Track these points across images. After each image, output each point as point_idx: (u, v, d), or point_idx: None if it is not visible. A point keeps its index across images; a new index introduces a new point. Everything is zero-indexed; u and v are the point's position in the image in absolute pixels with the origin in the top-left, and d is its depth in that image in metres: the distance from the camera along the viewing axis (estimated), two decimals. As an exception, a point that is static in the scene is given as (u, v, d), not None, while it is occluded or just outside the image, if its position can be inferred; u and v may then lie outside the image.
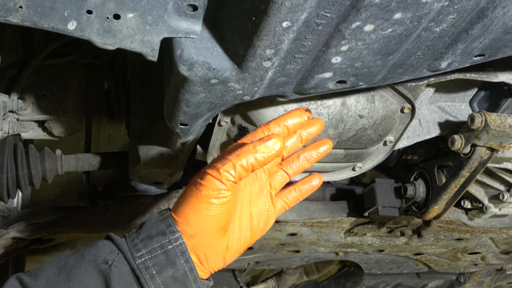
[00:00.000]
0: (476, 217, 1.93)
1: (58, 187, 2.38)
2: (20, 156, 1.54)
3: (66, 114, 1.61)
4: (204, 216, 0.88)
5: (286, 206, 1.04)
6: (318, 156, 1.03)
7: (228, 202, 0.89)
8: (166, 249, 0.87)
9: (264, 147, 0.86)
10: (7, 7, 0.80)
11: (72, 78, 1.65)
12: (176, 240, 0.87)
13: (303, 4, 0.76)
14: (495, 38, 0.94)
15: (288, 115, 0.98)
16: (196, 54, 0.88)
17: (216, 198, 0.87)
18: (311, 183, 1.04)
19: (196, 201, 0.88)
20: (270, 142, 0.86)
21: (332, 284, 2.66)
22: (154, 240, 0.87)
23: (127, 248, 0.87)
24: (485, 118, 1.30)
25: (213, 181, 0.87)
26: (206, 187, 0.87)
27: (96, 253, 0.87)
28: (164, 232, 0.88)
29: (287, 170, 1.03)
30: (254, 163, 0.86)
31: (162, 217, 0.91)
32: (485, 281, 2.62)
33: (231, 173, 0.86)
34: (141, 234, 0.89)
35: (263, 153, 0.86)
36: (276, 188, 1.03)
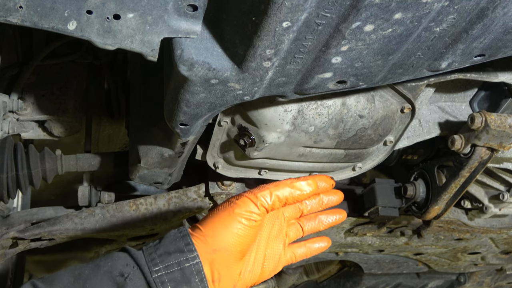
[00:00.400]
0: (476, 217, 1.93)
1: (58, 187, 2.37)
2: (20, 156, 1.54)
3: (66, 114, 1.61)
4: (232, 233, 0.92)
5: (294, 258, 1.08)
6: (333, 222, 1.09)
7: (256, 227, 0.94)
8: (183, 266, 0.89)
9: (300, 185, 0.96)
10: (7, 7, 0.80)
11: (72, 78, 1.65)
12: (193, 259, 0.90)
13: (303, 4, 0.76)
14: (495, 38, 0.94)
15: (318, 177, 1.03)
16: (196, 54, 0.88)
17: (247, 219, 0.92)
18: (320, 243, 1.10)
19: (227, 217, 0.92)
20: (305, 182, 0.97)
21: (332, 284, 2.66)
22: (172, 257, 0.89)
23: (144, 261, 0.89)
24: (485, 118, 1.30)
25: (248, 202, 0.93)
26: (240, 206, 0.92)
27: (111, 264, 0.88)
28: (182, 249, 0.90)
29: (302, 225, 1.09)
30: (288, 196, 0.95)
31: (180, 234, 0.93)
32: (485, 281, 2.62)
33: (266, 200, 0.93)
34: (159, 249, 0.91)
35: (298, 190, 0.96)
36: (290, 238, 1.08)
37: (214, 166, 1.45)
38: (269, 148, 1.27)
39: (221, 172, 1.46)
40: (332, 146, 1.30)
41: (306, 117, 1.20)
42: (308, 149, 1.31)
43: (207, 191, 1.65)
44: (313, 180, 0.98)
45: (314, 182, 0.97)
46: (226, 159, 1.43)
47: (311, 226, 1.08)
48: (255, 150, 1.26)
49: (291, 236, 1.07)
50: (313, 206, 1.07)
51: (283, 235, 1.05)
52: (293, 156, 1.33)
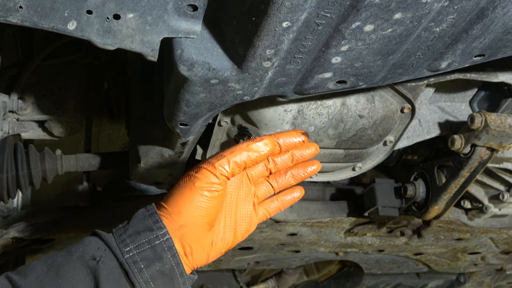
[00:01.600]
0: (476, 217, 1.93)
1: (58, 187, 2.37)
2: (20, 156, 1.54)
3: (66, 114, 1.61)
4: (196, 207, 0.92)
5: (267, 214, 1.08)
6: (305, 175, 1.07)
7: (219, 197, 0.94)
8: (153, 244, 0.89)
9: (256, 146, 0.95)
10: (7, 7, 0.80)
11: (72, 78, 1.65)
12: (163, 236, 0.90)
13: (303, 4, 0.76)
14: (495, 38, 0.94)
15: (283, 133, 1.02)
16: (196, 54, 0.88)
17: (209, 191, 0.92)
18: (293, 194, 1.10)
19: (189, 192, 0.92)
20: (262, 143, 0.95)
21: (332, 284, 2.66)
22: (142, 236, 0.90)
23: (115, 243, 0.89)
24: (485, 118, 1.30)
25: (207, 174, 0.92)
26: (200, 179, 0.92)
27: (83, 249, 0.89)
28: (151, 227, 0.91)
29: (272, 183, 1.08)
30: (246, 160, 0.94)
31: (148, 213, 0.93)
32: (485, 281, 2.62)
33: (225, 168, 0.93)
34: (128, 229, 0.91)
35: (255, 152, 0.95)
36: (259, 198, 1.07)
37: (214, 166, 1.45)
38: (269, 148, 1.26)
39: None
40: (332, 146, 1.30)
41: (306, 117, 1.20)
42: (308, 149, 1.31)
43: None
44: (270, 139, 0.97)
45: (270, 140, 0.96)
46: (226, 159, 1.43)
47: (281, 182, 1.07)
48: (255, 150, 1.25)
49: (260, 195, 1.07)
50: (282, 162, 1.05)
51: (251, 195, 1.05)
52: (293, 156, 1.33)
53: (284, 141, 1.00)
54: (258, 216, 1.07)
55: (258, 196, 1.07)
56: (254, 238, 1.90)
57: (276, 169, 1.06)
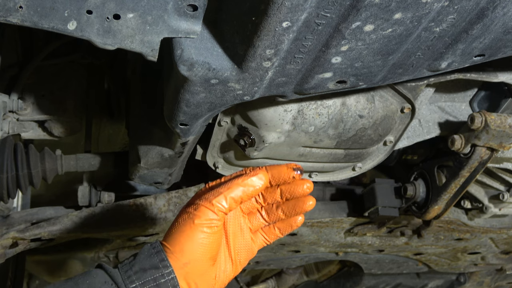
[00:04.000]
0: (476, 217, 1.93)
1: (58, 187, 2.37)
2: (20, 156, 1.54)
3: (66, 114, 1.61)
4: (198, 244, 0.94)
5: (267, 241, 1.09)
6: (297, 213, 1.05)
7: (219, 232, 0.96)
8: (158, 282, 0.91)
9: (251, 181, 0.97)
10: (7, 7, 0.80)
11: (72, 78, 1.65)
12: (168, 275, 0.92)
13: (303, 4, 0.76)
14: (495, 38, 0.94)
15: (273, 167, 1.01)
16: (196, 54, 0.88)
17: (209, 227, 0.94)
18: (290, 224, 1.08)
19: (190, 230, 0.94)
20: (256, 177, 0.97)
21: (332, 284, 2.66)
22: (148, 273, 0.91)
23: (121, 279, 0.90)
24: (485, 118, 1.30)
25: (206, 211, 0.94)
26: (199, 217, 0.94)
27: (90, 282, 0.90)
28: (157, 266, 0.92)
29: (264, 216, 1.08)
30: (242, 196, 0.96)
31: (154, 250, 0.95)
32: (485, 281, 2.62)
33: (222, 205, 0.94)
34: (134, 266, 0.93)
35: (250, 187, 0.96)
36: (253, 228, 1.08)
37: (214, 166, 1.45)
38: (269, 148, 1.27)
39: (221, 172, 1.46)
40: (332, 146, 1.30)
41: (306, 117, 1.20)
42: (308, 149, 1.32)
43: (207, 191, 1.64)
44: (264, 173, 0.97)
45: (265, 175, 0.97)
46: (226, 159, 1.43)
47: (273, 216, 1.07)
48: (255, 150, 1.26)
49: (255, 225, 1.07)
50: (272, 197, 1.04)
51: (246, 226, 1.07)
52: (293, 156, 1.33)
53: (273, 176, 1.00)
54: (257, 244, 1.08)
55: (251, 228, 1.08)
56: (254, 238, 1.90)
57: (266, 203, 1.06)
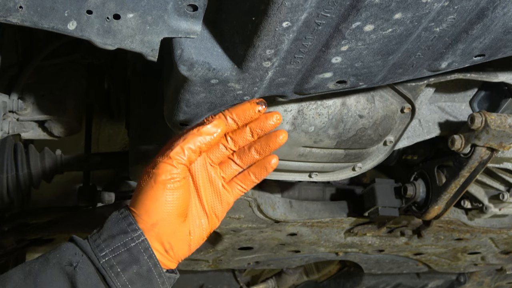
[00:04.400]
0: (476, 217, 1.93)
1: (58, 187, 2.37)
2: (20, 156, 1.54)
3: (66, 114, 1.61)
4: (162, 202, 0.91)
5: (243, 189, 1.06)
6: (270, 148, 1.02)
7: (183, 186, 0.92)
8: (129, 246, 0.89)
9: (207, 129, 0.94)
10: (7, 7, 0.80)
11: (72, 78, 1.65)
12: (138, 238, 0.90)
13: (303, 4, 0.76)
14: (495, 38, 0.94)
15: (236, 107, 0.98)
16: (196, 54, 0.88)
17: (171, 183, 0.91)
18: (265, 166, 1.05)
19: (151, 190, 0.91)
20: (211, 125, 0.95)
21: (332, 284, 2.66)
22: (117, 239, 0.89)
23: (90, 249, 0.89)
24: (485, 118, 1.30)
25: (165, 167, 0.91)
26: (159, 174, 0.91)
27: (60, 256, 0.89)
28: (125, 230, 0.90)
29: (237, 161, 1.04)
30: (200, 145, 0.93)
31: (122, 216, 0.93)
32: (485, 281, 2.62)
33: (181, 157, 0.91)
34: (103, 234, 0.91)
35: (207, 135, 0.94)
36: (227, 177, 1.05)
37: (214, 166, 1.45)
38: (269, 148, 1.26)
39: (221, 172, 1.46)
40: (332, 146, 1.30)
41: (306, 117, 1.20)
42: (308, 149, 1.32)
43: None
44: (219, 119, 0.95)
45: (220, 121, 0.95)
46: (226, 159, 1.43)
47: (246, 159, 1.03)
48: (255, 150, 1.25)
49: (228, 174, 1.04)
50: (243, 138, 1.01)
51: (217, 177, 1.03)
52: (293, 156, 1.33)
53: (239, 116, 0.97)
54: (233, 194, 1.04)
55: (225, 176, 1.04)
56: (254, 238, 1.90)
57: (237, 147, 1.03)
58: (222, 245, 1.97)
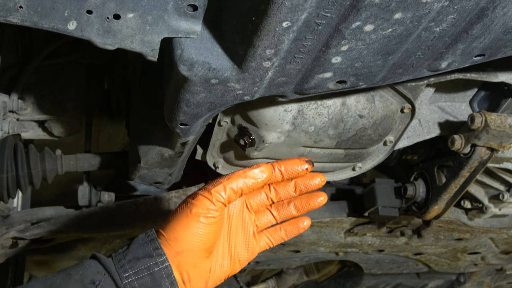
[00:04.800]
0: (476, 217, 1.93)
1: (58, 187, 2.37)
2: (20, 156, 1.54)
3: (66, 114, 1.61)
4: (192, 234, 0.92)
5: (270, 243, 1.08)
6: (309, 207, 1.05)
7: (216, 223, 0.94)
8: (152, 271, 0.89)
9: (253, 173, 0.95)
10: (7, 7, 0.80)
11: (72, 78, 1.65)
12: (162, 263, 0.90)
13: (303, 4, 0.76)
14: (495, 38, 0.94)
15: (286, 161, 1.00)
16: (196, 54, 0.88)
17: (205, 217, 0.92)
18: (297, 225, 1.07)
19: (186, 219, 0.92)
20: (258, 170, 0.96)
21: (332, 284, 2.66)
22: (141, 262, 0.90)
23: (114, 268, 0.89)
24: (485, 118, 1.30)
25: (204, 200, 0.92)
26: (197, 206, 0.92)
27: (82, 273, 0.89)
28: (151, 254, 0.91)
29: (273, 212, 1.07)
30: (242, 187, 0.94)
31: (148, 239, 0.93)
32: (485, 281, 2.62)
33: (221, 195, 0.93)
34: (128, 255, 0.91)
35: (251, 178, 0.95)
36: (260, 226, 1.07)
37: (214, 166, 1.45)
38: (269, 148, 1.27)
39: (221, 172, 1.46)
40: (332, 146, 1.30)
41: (306, 117, 1.20)
42: (308, 149, 1.32)
43: (207, 191, 1.64)
44: (267, 166, 0.96)
45: (268, 168, 0.96)
46: (226, 159, 1.43)
47: (283, 213, 1.06)
48: (255, 150, 1.26)
49: (260, 224, 1.06)
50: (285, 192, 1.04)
51: (251, 224, 1.05)
52: (293, 156, 1.33)
53: (286, 169, 0.99)
54: (259, 245, 1.06)
55: (258, 225, 1.06)
56: (254, 238, 1.90)
57: (278, 199, 1.05)
58: (222, 245, 1.97)
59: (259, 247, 1.07)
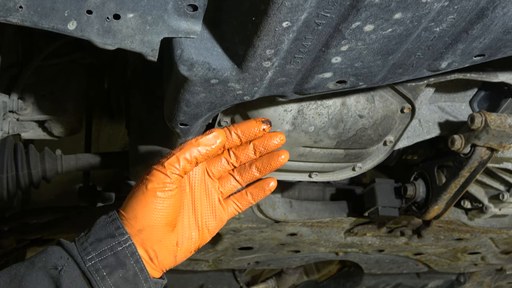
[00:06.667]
0: (476, 217, 1.93)
1: (58, 187, 2.38)
2: (20, 156, 1.54)
3: (66, 114, 1.61)
4: (151, 209, 0.90)
5: (238, 209, 1.05)
6: (271, 167, 1.03)
7: (174, 196, 0.91)
8: (115, 250, 0.88)
9: (206, 140, 0.92)
10: (7, 7, 0.80)
11: (72, 78, 1.65)
12: (125, 242, 0.89)
13: (303, 4, 0.76)
14: (495, 38, 0.94)
15: (241, 123, 0.98)
16: (196, 54, 0.88)
17: (162, 191, 0.90)
18: (263, 187, 1.05)
19: (142, 195, 0.90)
20: (211, 135, 0.92)
21: (332, 284, 2.66)
22: (104, 243, 0.89)
23: (77, 252, 0.88)
24: (485, 118, 1.30)
25: (158, 175, 0.90)
26: (152, 181, 0.90)
27: (46, 259, 0.88)
28: (113, 234, 0.89)
29: (236, 177, 1.05)
30: (197, 156, 0.91)
31: (110, 219, 0.92)
32: (485, 281, 2.62)
33: (175, 166, 0.90)
34: (90, 237, 0.90)
35: (205, 146, 0.91)
36: (225, 193, 1.05)
37: (214, 166, 1.45)
38: (269, 148, 1.26)
39: (221, 172, 1.46)
40: (332, 146, 1.30)
41: (306, 117, 1.20)
42: (308, 149, 1.32)
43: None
44: (220, 131, 0.93)
45: (220, 132, 0.93)
46: (226, 159, 1.43)
47: (246, 175, 1.03)
48: (255, 150, 1.25)
49: (225, 190, 1.04)
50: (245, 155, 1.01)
51: (215, 191, 1.02)
52: (293, 156, 1.33)
53: (243, 132, 0.97)
54: (227, 211, 1.04)
55: (223, 192, 1.04)
56: (254, 238, 1.90)
57: (239, 163, 1.02)
58: (222, 245, 1.97)
59: (228, 214, 1.04)
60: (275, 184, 1.05)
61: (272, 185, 1.05)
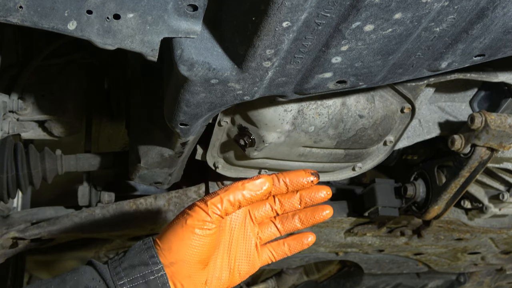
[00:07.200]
0: (476, 217, 1.93)
1: (58, 187, 2.37)
2: (20, 156, 1.54)
3: (66, 114, 1.61)
4: (186, 244, 0.90)
5: (272, 258, 1.05)
6: (314, 221, 1.03)
7: (212, 236, 0.92)
8: (147, 279, 0.88)
9: (252, 185, 0.92)
10: (7, 7, 0.80)
11: (72, 78, 1.65)
12: (158, 272, 0.89)
13: (303, 4, 0.76)
14: (495, 38, 0.94)
15: (291, 172, 0.98)
16: (196, 54, 0.88)
17: (200, 229, 0.90)
18: (301, 241, 1.05)
19: (180, 229, 0.91)
20: (258, 181, 0.92)
21: (332, 284, 2.66)
22: (137, 270, 0.89)
23: (109, 275, 0.88)
24: (485, 118, 1.30)
25: (199, 212, 0.90)
26: (193, 217, 0.90)
27: (77, 279, 0.88)
28: (146, 262, 0.90)
29: (277, 225, 1.05)
30: (240, 199, 0.91)
31: (145, 247, 0.92)
32: (485, 281, 2.62)
33: (217, 207, 0.90)
34: (123, 262, 0.90)
35: (250, 191, 0.91)
36: (263, 239, 1.05)
37: (214, 166, 1.45)
38: (269, 148, 1.27)
39: (221, 172, 1.46)
40: (332, 146, 1.30)
41: (306, 117, 1.20)
42: (308, 149, 1.32)
43: (207, 191, 1.65)
44: (268, 177, 0.93)
45: (268, 179, 0.93)
46: (226, 159, 1.43)
47: (288, 226, 1.04)
48: (255, 150, 1.26)
49: (264, 237, 1.04)
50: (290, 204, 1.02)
51: (253, 236, 1.03)
52: (293, 156, 1.33)
53: (291, 181, 0.97)
54: (261, 258, 1.04)
55: (262, 238, 1.04)
56: (254, 238, 1.90)
57: (282, 211, 1.03)
58: (222, 245, 1.97)
59: (261, 261, 1.04)
60: (313, 239, 1.05)
61: (311, 239, 1.05)
